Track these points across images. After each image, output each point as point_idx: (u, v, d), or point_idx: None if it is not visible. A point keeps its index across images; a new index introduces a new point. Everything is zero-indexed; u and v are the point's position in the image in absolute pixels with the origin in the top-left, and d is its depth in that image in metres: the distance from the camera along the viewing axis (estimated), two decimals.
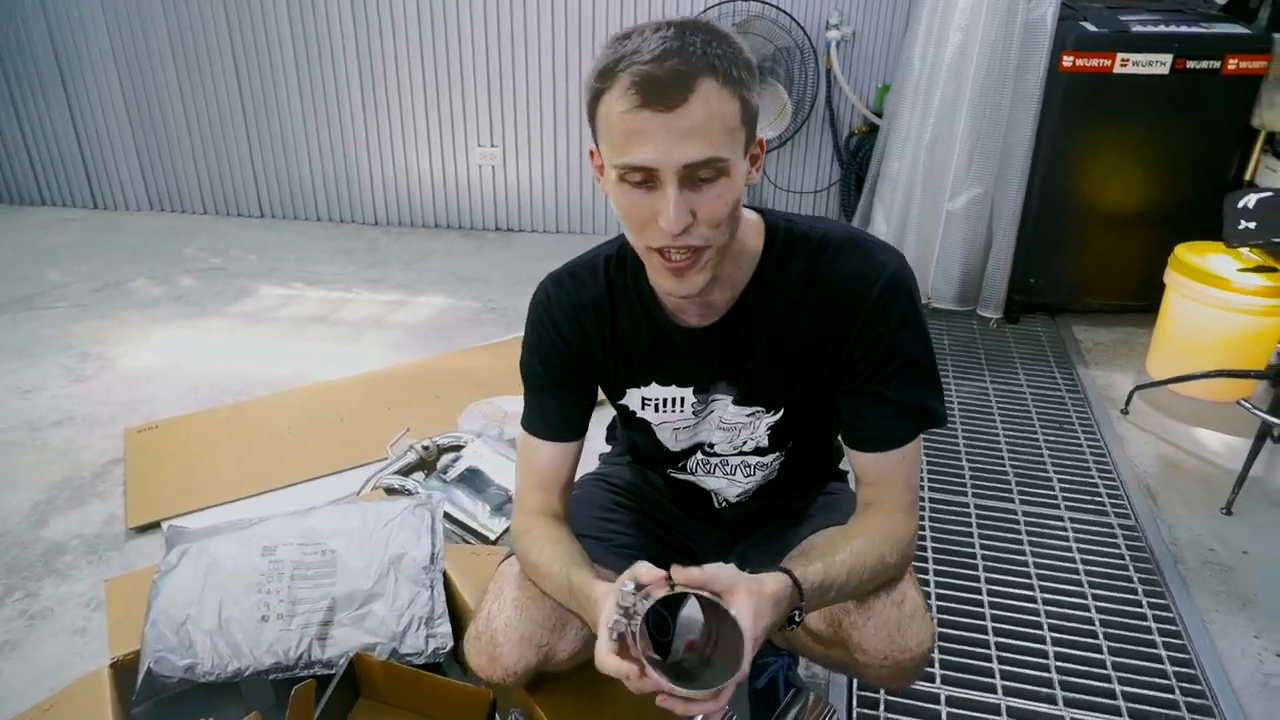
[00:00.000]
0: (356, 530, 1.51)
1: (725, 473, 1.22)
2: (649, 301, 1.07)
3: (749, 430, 1.14)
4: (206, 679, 1.35)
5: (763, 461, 1.19)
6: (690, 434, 1.17)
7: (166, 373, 2.70)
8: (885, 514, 1.04)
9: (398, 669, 1.35)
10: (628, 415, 1.18)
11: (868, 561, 0.99)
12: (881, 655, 1.03)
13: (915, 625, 1.04)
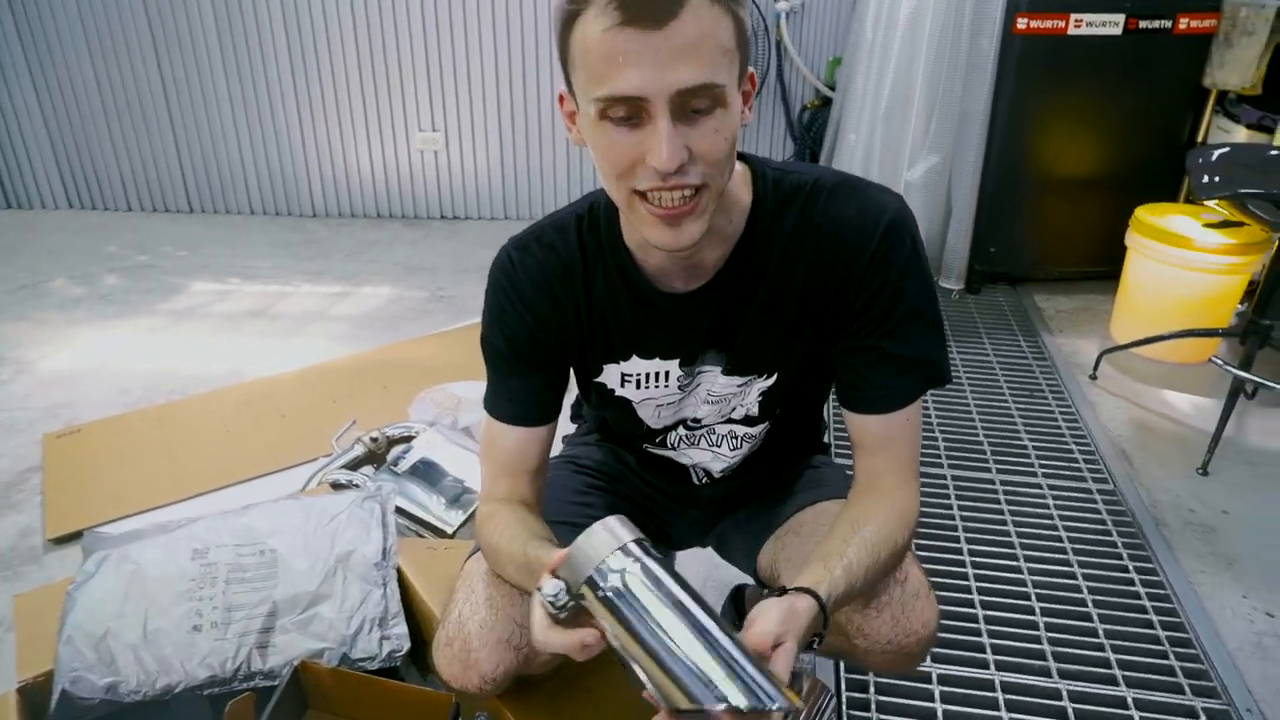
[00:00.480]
0: (299, 527, 1.38)
1: (710, 444, 1.11)
2: (628, 266, 0.95)
3: (739, 398, 1.04)
4: (131, 699, 1.21)
5: (750, 433, 1.09)
6: (674, 410, 1.06)
7: (90, 375, 2.51)
8: (890, 489, 0.95)
9: (348, 676, 1.22)
10: (604, 394, 1.06)
11: (881, 553, 0.89)
12: (884, 640, 0.94)
13: (920, 606, 0.95)
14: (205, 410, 2.29)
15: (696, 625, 0.70)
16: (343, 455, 1.88)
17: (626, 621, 0.70)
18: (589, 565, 0.72)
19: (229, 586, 1.30)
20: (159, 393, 2.40)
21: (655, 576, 0.72)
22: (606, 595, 0.71)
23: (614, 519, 0.74)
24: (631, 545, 0.73)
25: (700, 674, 0.67)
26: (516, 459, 1.03)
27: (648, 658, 0.69)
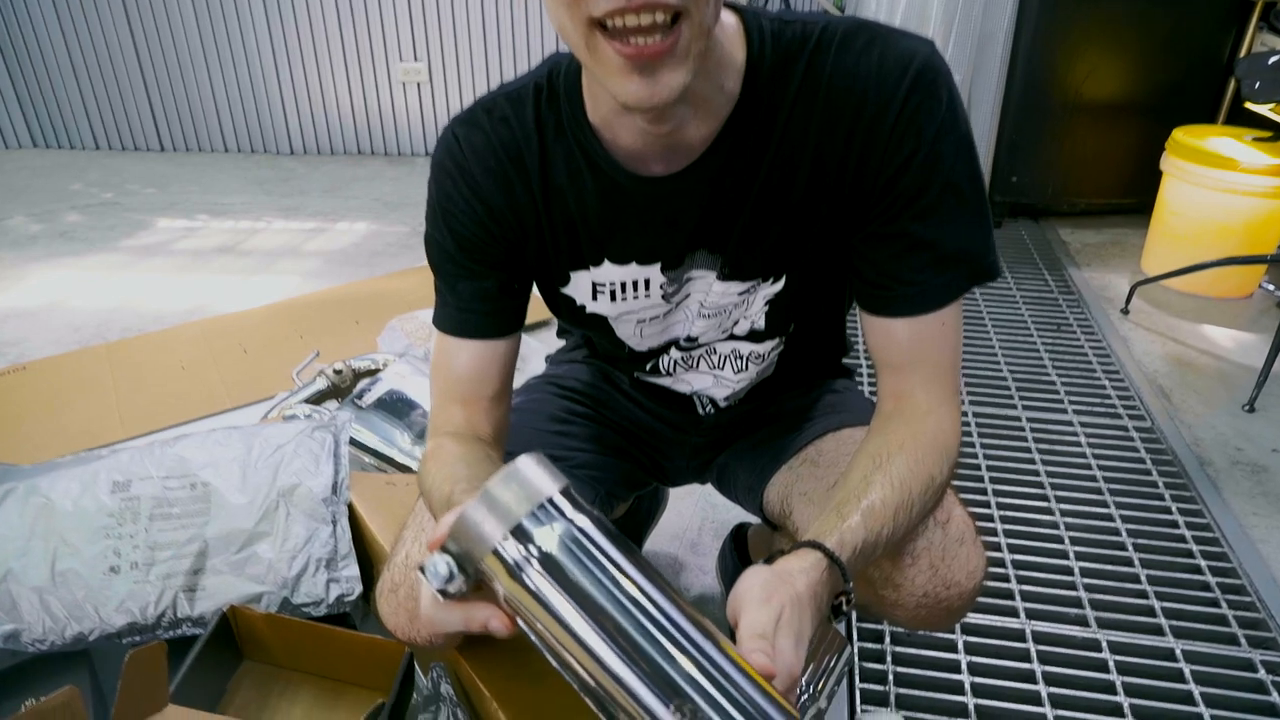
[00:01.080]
0: (237, 459, 1.21)
1: (710, 366, 0.93)
2: (593, 146, 0.76)
3: (741, 309, 0.86)
4: (36, 648, 1.05)
5: (757, 351, 0.90)
6: (660, 327, 0.88)
7: (42, 313, 2.34)
8: (923, 412, 0.77)
9: (287, 623, 1.06)
10: (574, 311, 0.87)
11: (913, 492, 0.72)
12: (919, 592, 0.77)
13: (965, 553, 0.77)
14: (161, 347, 2.12)
15: (653, 615, 0.51)
16: (303, 389, 1.71)
17: (550, 609, 0.51)
18: (494, 533, 0.52)
19: (153, 523, 1.13)
20: (114, 330, 2.23)
21: (592, 545, 0.52)
22: (520, 572, 0.52)
23: (529, 461, 0.54)
24: (558, 500, 0.53)
25: (659, 686, 0.49)
26: (470, 382, 0.85)
27: (585, 657, 0.50)
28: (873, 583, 0.80)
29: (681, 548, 1.45)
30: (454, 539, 0.53)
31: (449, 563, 0.53)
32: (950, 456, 0.76)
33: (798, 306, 0.86)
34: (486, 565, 0.52)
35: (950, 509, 0.78)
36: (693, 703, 0.48)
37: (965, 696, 1.16)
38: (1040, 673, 1.19)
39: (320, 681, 1.10)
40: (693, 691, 0.49)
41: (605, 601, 0.51)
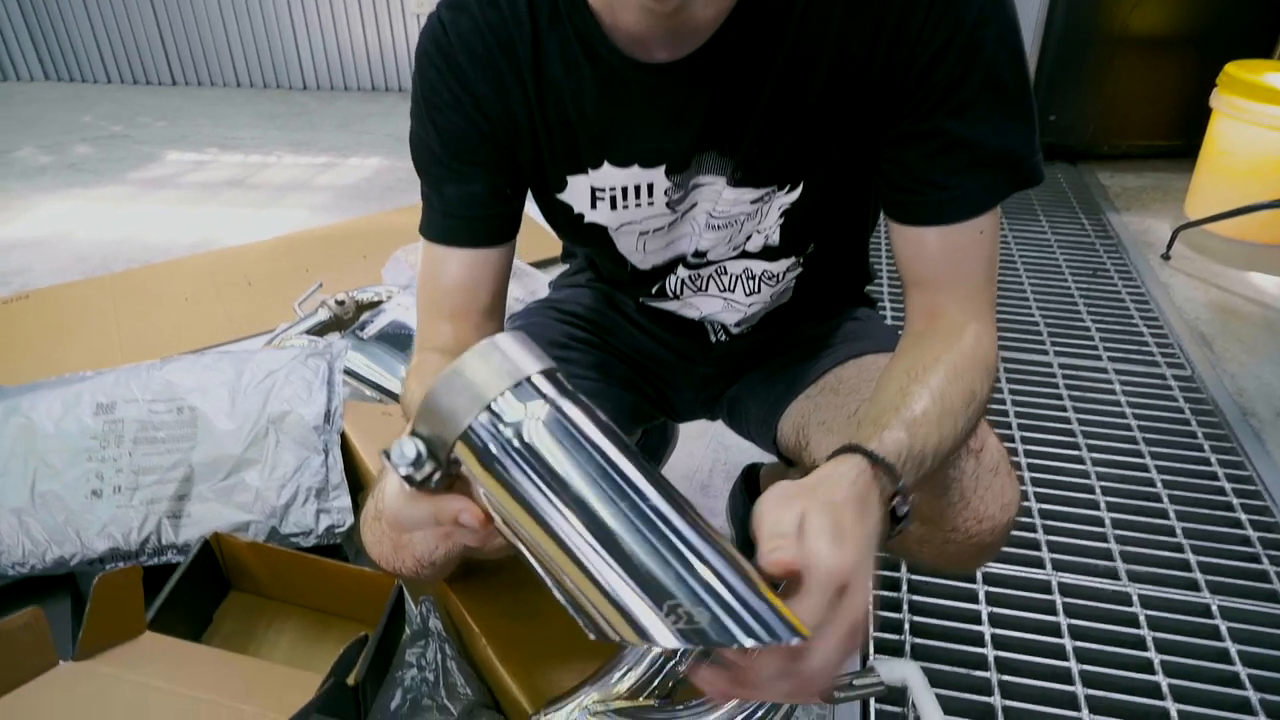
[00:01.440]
0: (227, 384, 1.16)
1: (720, 288, 0.85)
2: (591, 30, 0.68)
3: (754, 221, 0.78)
4: (16, 571, 1.02)
5: (771, 270, 0.83)
6: (665, 241, 0.80)
7: (48, 243, 2.30)
8: (958, 326, 0.69)
9: (272, 552, 1.01)
10: (572, 222, 0.80)
11: (956, 405, 0.64)
12: (949, 526, 0.70)
13: (999, 484, 0.70)
14: (165, 278, 2.08)
15: (642, 511, 0.44)
16: (304, 321, 1.66)
17: (526, 501, 0.45)
18: (465, 412, 0.45)
19: (137, 447, 1.08)
20: (120, 262, 2.19)
21: (575, 431, 0.46)
22: (494, 458, 0.45)
23: (507, 337, 0.48)
24: (538, 379, 0.47)
25: (647, 588, 0.42)
26: (459, 295, 0.78)
27: (564, 558, 0.44)
28: None
29: (691, 489, 1.40)
30: (423, 419, 0.47)
31: (418, 445, 0.47)
32: (990, 373, 0.68)
33: (816, 220, 0.79)
34: (458, 450, 0.46)
35: (984, 436, 0.71)
36: (684, 607, 0.42)
37: (985, 648, 1.10)
38: (1066, 625, 1.13)
39: (308, 614, 1.05)
40: (684, 595, 0.42)
41: (588, 493, 0.44)
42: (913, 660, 1.08)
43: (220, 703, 0.76)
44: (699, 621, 0.42)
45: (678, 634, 0.41)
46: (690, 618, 0.42)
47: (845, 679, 0.77)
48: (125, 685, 0.76)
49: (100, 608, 0.81)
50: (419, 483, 0.47)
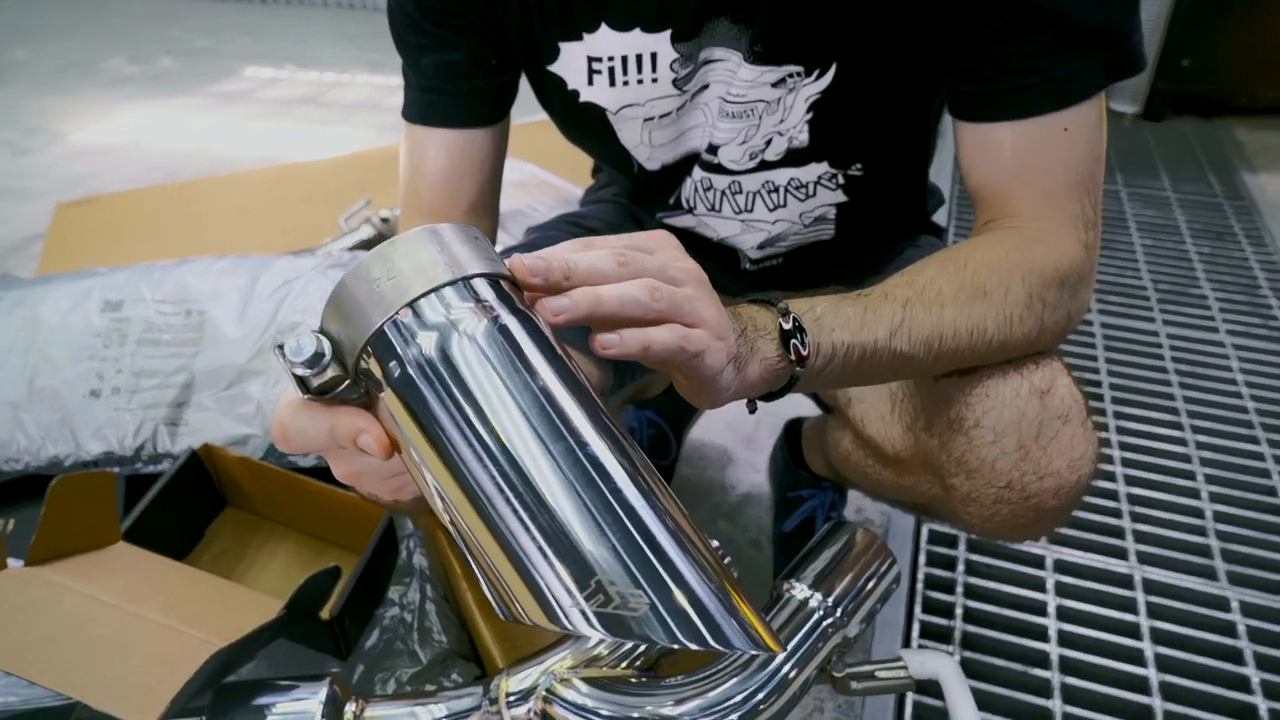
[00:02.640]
0: (240, 290, 1.09)
1: (735, 209, 0.73)
2: None
3: (776, 116, 0.65)
4: (10, 467, 0.98)
5: (798, 179, 0.69)
6: (674, 132, 0.68)
7: (121, 150, 2.31)
8: (1031, 238, 0.56)
9: (265, 470, 0.94)
10: (567, 103, 0.68)
11: (988, 287, 0.52)
12: (1001, 480, 0.57)
13: (1068, 435, 0.57)
14: (226, 190, 2.05)
15: (581, 461, 0.34)
16: (348, 236, 1.59)
17: (436, 431, 0.34)
18: (382, 307, 0.35)
19: (140, 348, 1.03)
20: (188, 173, 2.18)
21: (515, 352, 0.35)
22: (406, 371, 0.35)
23: (454, 227, 0.38)
24: (480, 285, 0.36)
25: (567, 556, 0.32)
26: (440, 187, 0.68)
27: (470, 509, 0.34)
28: (941, 470, 0.61)
29: (734, 440, 1.28)
30: (333, 312, 0.37)
31: (320, 342, 0.36)
32: (1068, 288, 0.55)
33: (855, 119, 0.65)
34: (367, 356, 0.36)
35: (1054, 377, 0.57)
36: (614, 588, 0.31)
37: (1049, 644, 0.96)
38: (1147, 628, 0.98)
39: (304, 537, 0.99)
40: (615, 572, 0.31)
41: (512, 429, 0.34)
42: (960, 650, 0.95)
43: (167, 624, 0.69)
44: (630, 609, 0.31)
45: (599, 620, 0.31)
46: (618, 602, 0.31)
47: (867, 669, 0.65)
48: (68, 596, 0.70)
49: (58, 511, 0.75)
50: (316, 390, 0.37)
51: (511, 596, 0.33)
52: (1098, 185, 0.56)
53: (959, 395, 0.58)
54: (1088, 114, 0.55)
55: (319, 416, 0.38)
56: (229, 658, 0.61)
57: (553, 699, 0.60)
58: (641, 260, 0.41)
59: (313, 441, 0.38)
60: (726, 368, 0.43)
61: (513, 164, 1.81)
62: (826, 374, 0.50)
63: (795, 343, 0.47)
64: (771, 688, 0.60)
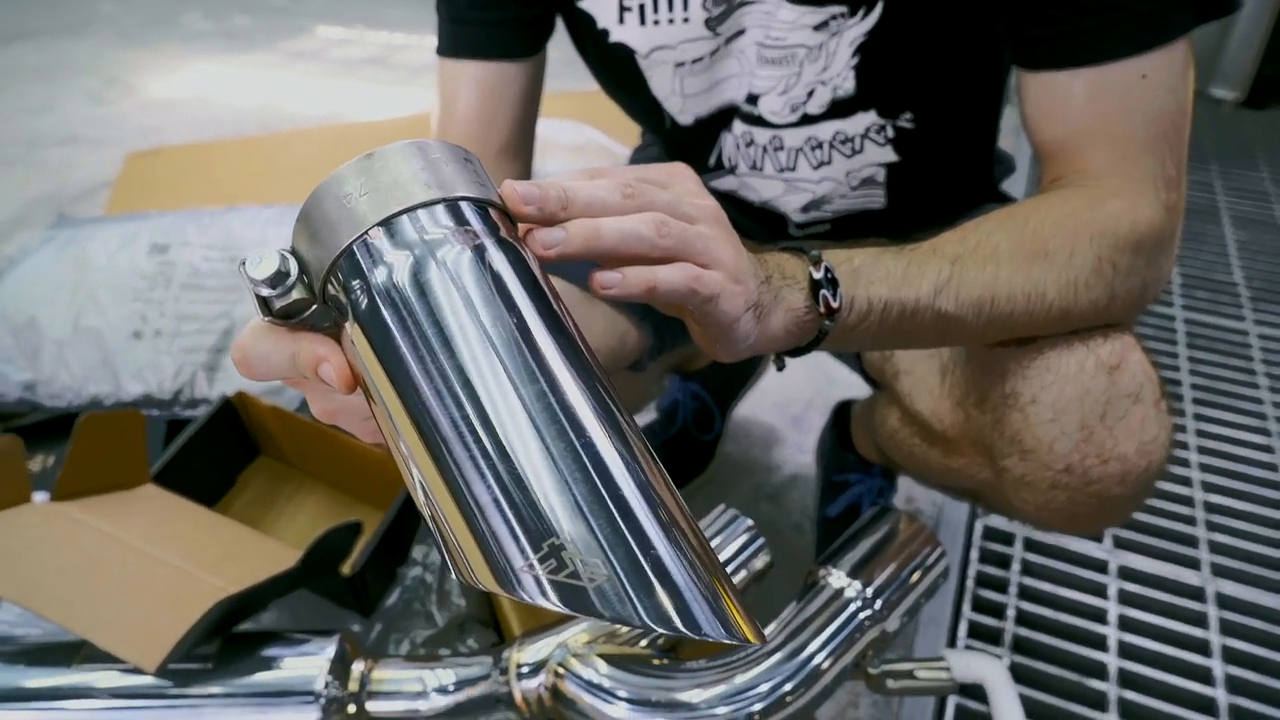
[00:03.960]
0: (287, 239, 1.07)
1: (778, 167, 0.68)
2: None
3: (818, 65, 0.60)
4: (54, 404, 0.98)
5: (844, 131, 0.64)
6: (708, 80, 0.64)
7: (192, 103, 2.34)
8: (1104, 195, 0.50)
9: (296, 421, 0.93)
10: (598, 44, 0.64)
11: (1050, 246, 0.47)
12: (1060, 464, 0.52)
13: (1138, 415, 0.51)
14: (287, 146, 2.06)
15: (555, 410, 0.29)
16: None
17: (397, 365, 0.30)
18: (352, 225, 0.32)
19: (184, 293, 1.02)
20: (252, 128, 2.19)
21: (496, 285, 0.31)
22: (373, 297, 0.31)
23: (444, 144, 0.34)
24: (466, 208, 0.33)
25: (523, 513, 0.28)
26: (474, 124, 0.65)
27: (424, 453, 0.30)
28: (993, 449, 0.55)
29: (783, 419, 1.23)
30: (302, 229, 0.34)
31: (285, 260, 0.33)
32: (1144, 253, 0.50)
33: (905, 59, 0.60)
34: (334, 277, 0.32)
35: (1125, 352, 0.52)
36: (571, 553, 0.27)
37: (1107, 654, 0.90)
38: (1219, 646, 0.91)
39: (333, 491, 0.98)
40: (576, 535, 0.27)
41: (479, 367, 0.30)
42: (1009, 654, 0.89)
43: (184, 569, 0.68)
44: (589, 578, 0.27)
45: (553, 589, 0.27)
46: (575, 569, 0.27)
47: (905, 667, 0.60)
48: (89, 533, 0.69)
49: (85, 448, 0.74)
50: (279, 312, 0.33)
51: (463, 555, 0.29)
52: (1181, 141, 0.51)
53: (1015, 368, 0.52)
54: (1171, 60, 0.49)
55: (282, 342, 0.34)
56: (237, 605, 0.60)
57: (566, 674, 0.57)
58: (651, 193, 0.37)
59: (274, 368, 0.35)
60: (745, 315, 0.39)
61: (571, 126, 1.77)
62: (861, 331, 0.46)
63: (825, 294, 0.43)
64: (800, 680, 0.56)
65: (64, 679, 0.59)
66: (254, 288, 0.33)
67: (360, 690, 0.60)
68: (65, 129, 2.19)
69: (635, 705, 0.55)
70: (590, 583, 0.27)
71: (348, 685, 0.60)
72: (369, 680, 0.61)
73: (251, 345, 0.34)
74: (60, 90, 2.41)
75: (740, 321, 0.39)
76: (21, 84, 2.45)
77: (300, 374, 0.34)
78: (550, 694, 0.57)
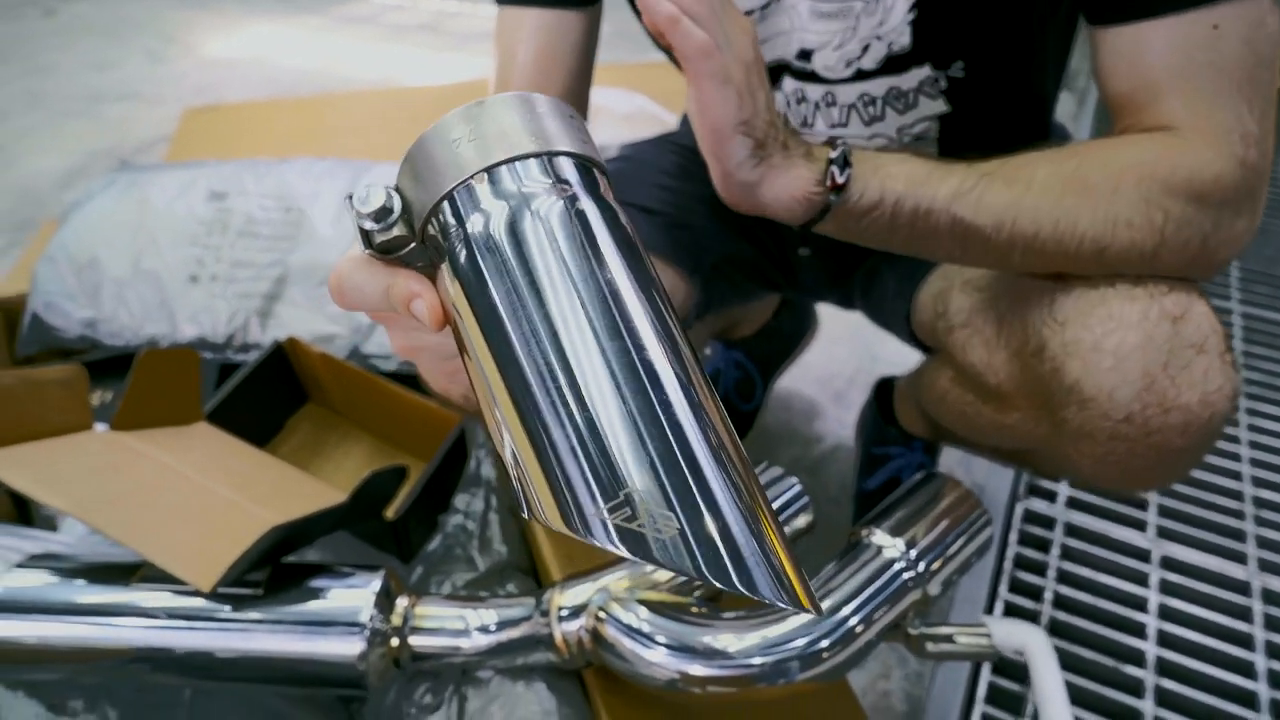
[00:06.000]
0: (339, 192, 1.09)
1: (830, 123, 0.68)
2: None
3: (874, 19, 0.60)
4: (112, 341, 1.01)
5: (897, 87, 0.64)
6: (760, 32, 0.64)
7: (248, 64, 2.37)
8: (1160, 134, 0.50)
9: (344, 368, 0.94)
10: None
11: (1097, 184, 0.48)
12: (1121, 413, 0.51)
13: (1202, 365, 0.51)
14: (340, 107, 2.08)
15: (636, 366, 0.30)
16: None
17: (490, 312, 0.31)
18: (457, 170, 0.32)
19: (240, 239, 1.04)
20: (305, 88, 2.22)
21: (588, 239, 0.32)
22: (469, 242, 0.32)
23: (549, 99, 0.35)
24: (564, 163, 0.33)
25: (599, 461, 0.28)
26: (534, 72, 0.66)
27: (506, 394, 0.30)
28: (1049, 398, 0.55)
29: (825, 394, 1.22)
30: (407, 170, 0.35)
31: (390, 195, 0.34)
32: (1207, 206, 0.49)
33: (964, 17, 0.59)
34: (436, 216, 0.33)
35: (1189, 304, 0.51)
36: (642, 504, 0.28)
37: (1146, 642, 0.89)
38: (1263, 641, 0.89)
39: (380, 440, 0.99)
40: (648, 488, 0.28)
41: (567, 319, 0.30)
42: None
43: (235, 501, 0.69)
44: (655, 530, 0.27)
45: (618, 535, 0.27)
46: (644, 521, 0.27)
47: (946, 631, 0.60)
48: (147, 462, 0.71)
49: (144, 383, 0.76)
50: (379, 246, 0.34)
51: (536, 496, 0.29)
52: (1262, 95, 0.49)
53: (1076, 315, 0.52)
54: (1245, 10, 0.48)
55: (378, 275, 0.35)
56: (287, 534, 0.61)
57: (607, 618, 0.57)
58: None
59: (367, 299, 0.36)
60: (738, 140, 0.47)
61: (623, 95, 1.77)
62: (871, 221, 0.49)
63: (834, 170, 0.47)
64: (838, 636, 0.56)
65: (122, 597, 0.61)
66: (359, 220, 0.34)
67: (403, 624, 0.61)
68: (125, 86, 2.23)
69: (673, 651, 0.55)
70: (656, 534, 0.27)
71: (391, 619, 0.62)
72: (412, 615, 0.62)
73: (348, 275, 0.35)
74: (121, 48, 2.45)
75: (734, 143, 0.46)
76: (85, 41, 2.50)
77: (391, 307, 0.35)
78: (590, 637, 0.57)
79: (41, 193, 1.76)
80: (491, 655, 0.60)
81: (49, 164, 1.87)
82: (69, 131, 2.01)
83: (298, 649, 0.60)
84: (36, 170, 1.84)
